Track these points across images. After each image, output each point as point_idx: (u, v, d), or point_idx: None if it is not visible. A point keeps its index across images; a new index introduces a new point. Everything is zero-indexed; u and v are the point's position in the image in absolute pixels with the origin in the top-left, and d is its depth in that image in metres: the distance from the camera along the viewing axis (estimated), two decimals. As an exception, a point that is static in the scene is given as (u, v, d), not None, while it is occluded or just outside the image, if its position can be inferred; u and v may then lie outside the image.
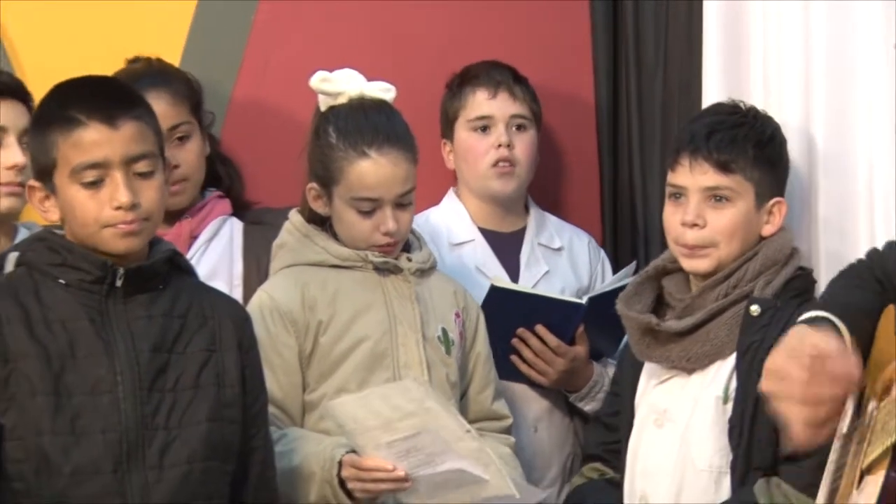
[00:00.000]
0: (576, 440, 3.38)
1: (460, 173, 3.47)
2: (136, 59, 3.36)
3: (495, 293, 3.24)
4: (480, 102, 3.40)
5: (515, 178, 3.41)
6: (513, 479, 2.81)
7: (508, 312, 3.24)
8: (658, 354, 2.80)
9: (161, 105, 3.15)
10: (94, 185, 2.51)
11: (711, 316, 2.74)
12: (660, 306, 2.87)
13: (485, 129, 3.40)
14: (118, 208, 2.49)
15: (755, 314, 2.69)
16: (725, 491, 2.71)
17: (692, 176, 2.78)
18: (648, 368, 2.88)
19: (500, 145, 3.37)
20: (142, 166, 2.53)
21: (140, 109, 2.57)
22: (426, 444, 2.76)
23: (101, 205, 2.50)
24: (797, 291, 2.78)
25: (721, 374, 2.75)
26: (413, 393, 2.76)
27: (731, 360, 2.72)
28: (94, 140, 2.50)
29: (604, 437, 3.04)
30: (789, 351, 2.31)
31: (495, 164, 3.37)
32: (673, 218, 2.81)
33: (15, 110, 3.03)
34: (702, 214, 2.77)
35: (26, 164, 2.92)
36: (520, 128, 3.41)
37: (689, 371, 2.80)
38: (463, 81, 3.45)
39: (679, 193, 2.80)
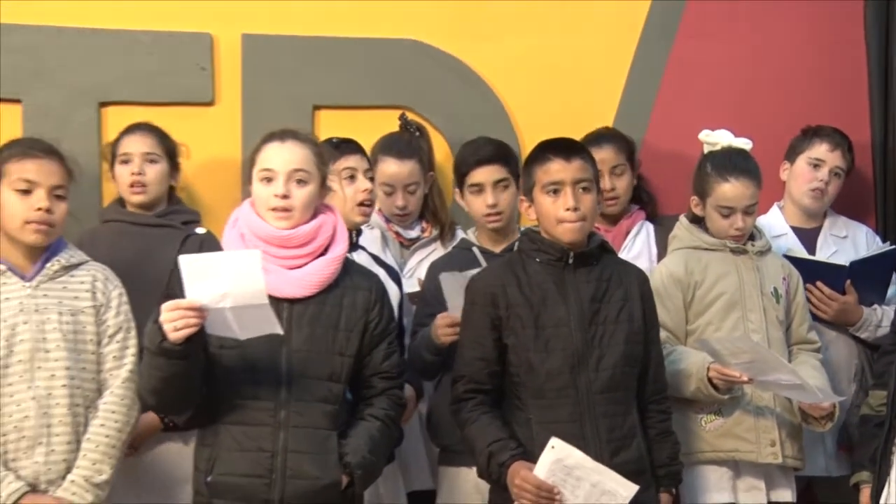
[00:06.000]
0: (860, 357, 4.01)
1: (788, 187, 4.15)
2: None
3: (787, 260, 3.84)
4: (821, 151, 4.08)
5: (822, 204, 4.10)
6: (818, 387, 3.41)
7: (798, 272, 3.78)
8: None
9: (608, 151, 4.07)
10: (554, 194, 3.19)
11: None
12: None
13: (816, 166, 4.07)
14: (567, 209, 3.17)
15: None
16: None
17: None
18: None
19: (821, 180, 4.07)
20: (583, 186, 3.20)
21: (584, 154, 3.25)
22: (757, 366, 3.37)
23: (557, 208, 3.19)
24: None
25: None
26: (748, 342, 3.40)
27: None
28: (556, 168, 3.19)
29: (887, 359, 3.61)
30: None
31: (813, 191, 4.08)
32: None
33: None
34: None
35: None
36: (836, 174, 4.11)
37: None
38: (815, 133, 4.08)
39: None
